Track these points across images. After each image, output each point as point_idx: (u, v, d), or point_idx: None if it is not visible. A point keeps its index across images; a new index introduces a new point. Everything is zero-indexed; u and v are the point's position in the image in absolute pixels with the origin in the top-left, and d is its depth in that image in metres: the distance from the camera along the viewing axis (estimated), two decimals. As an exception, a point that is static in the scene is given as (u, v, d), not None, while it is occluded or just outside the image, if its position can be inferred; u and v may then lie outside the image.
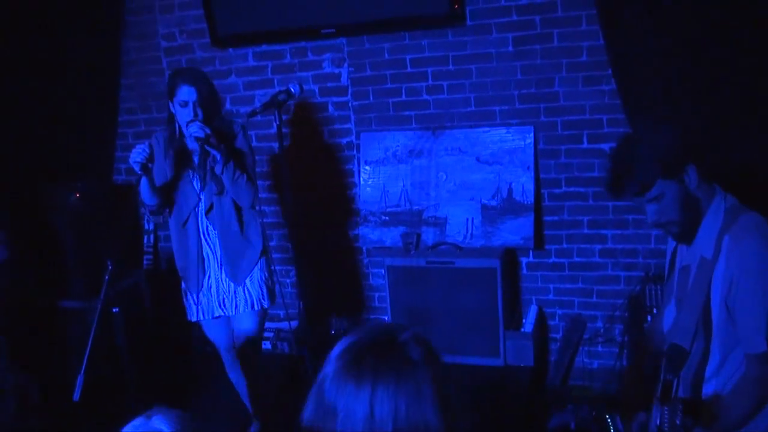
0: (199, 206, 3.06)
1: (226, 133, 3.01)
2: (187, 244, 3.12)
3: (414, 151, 4.10)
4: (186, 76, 2.92)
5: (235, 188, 2.98)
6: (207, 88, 2.91)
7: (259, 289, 3.16)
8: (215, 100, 2.99)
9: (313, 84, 4.25)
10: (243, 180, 2.98)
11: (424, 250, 4.01)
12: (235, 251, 3.10)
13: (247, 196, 3.03)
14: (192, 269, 3.13)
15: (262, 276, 3.17)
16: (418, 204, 4.09)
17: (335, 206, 4.39)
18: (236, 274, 3.12)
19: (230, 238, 3.08)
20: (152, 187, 2.97)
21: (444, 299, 3.87)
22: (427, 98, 4.06)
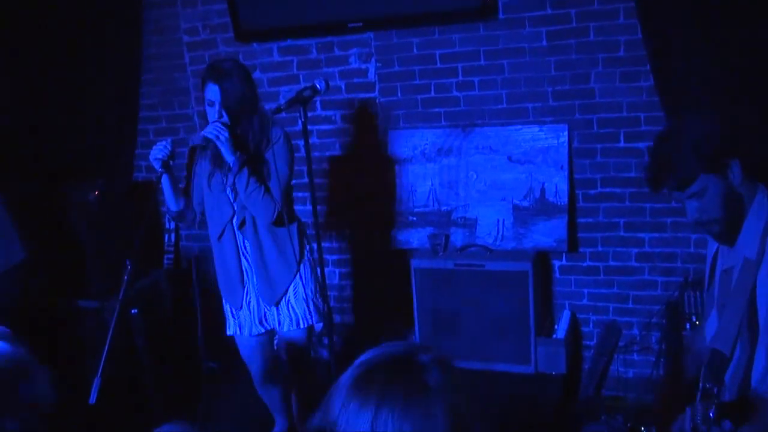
0: (235, 219, 2.96)
1: (259, 139, 2.86)
2: (224, 259, 3.03)
3: (443, 150, 4.08)
4: (213, 71, 2.79)
5: (249, 201, 2.84)
6: (236, 87, 2.76)
7: (304, 305, 3.03)
8: (248, 100, 2.82)
9: (340, 80, 4.24)
10: (258, 193, 2.82)
11: (452, 252, 3.99)
12: (270, 270, 2.98)
13: (262, 211, 2.86)
14: (230, 285, 3.05)
15: (307, 291, 3.04)
16: (446, 204, 4.07)
17: (360, 206, 4.38)
18: (272, 296, 3.00)
19: (264, 255, 2.97)
20: (174, 188, 2.91)
21: (473, 303, 3.85)
22: (457, 95, 4.04)
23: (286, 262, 2.99)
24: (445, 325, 3.92)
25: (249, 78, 2.86)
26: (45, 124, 4.33)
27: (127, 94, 4.69)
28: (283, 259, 2.98)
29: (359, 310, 4.56)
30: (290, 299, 3.02)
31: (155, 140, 4.74)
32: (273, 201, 2.86)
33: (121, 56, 4.57)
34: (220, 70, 2.79)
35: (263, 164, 2.88)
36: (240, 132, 2.84)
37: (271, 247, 2.96)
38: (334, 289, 4.49)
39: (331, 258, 4.50)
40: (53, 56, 4.30)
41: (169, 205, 2.99)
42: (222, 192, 2.94)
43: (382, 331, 4.42)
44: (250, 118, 2.85)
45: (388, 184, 4.22)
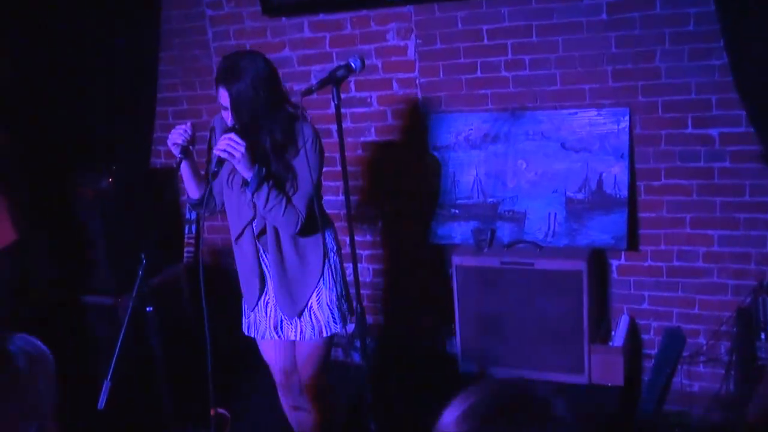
0: (255, 224, 2.90)
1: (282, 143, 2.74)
2: (242, 261, 2.99)
3: (489, 136, 4.04)
4: (220, 71, 2.66)
5: (269, 216, 2.79)
6: (247, 91, 2.62)
7: (329, 311, 2.96)
8: (264, 105, 2.67)
9: (376, 58, 4.21)
10: (279, 209, 2.74)
11: (498, 248, 3.96)
12: (291, 282, 2.92)
13: (284, 225, 2.80)
14: (248, 285, 3.01)
15: (332, 295, 2.97)
16: (492, 196, 4.04)
17: (398, 197, 4.37)
18: (293, 309, 2.94)
19: (286, 266, 2.91)
20: (195, 174, 2.86)
21: (520, 305, 3.82)
22: (506, 75, 3.99)
23: (309, 272, 2.93)
24: (489, 329, 3.90)
25: (269, 76, 2.70)
26: (53, 105, 4.31)
27: (144, 72, 4.69)
28: (305, 270, 2.92)
29: (394, 310, 4.54)
30: (312, 306, 2.96)
31: (174, 123, 4.77)
32: (296, 213, 2.79)
33: (138, 31, 4.57)
34: (229, 71, 2.65)
35: (287, 172, 2.78)
36: (258, 140, 2.74)
37: (293, 259, 2.89)
38: (366, 287, 4.46)
39: (363, 253, 4.47)
40: (62, 30, 4.27)
41: (189, 193, 2.94)
42: (243, 193, 2.86)
43: (419, 335, 4.40)
44: (270, 123, 2.72)
45: (429, 174, 4.18)
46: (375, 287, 4.53)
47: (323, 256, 2.94)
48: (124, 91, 4.61)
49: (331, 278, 2.97)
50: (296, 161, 2.77)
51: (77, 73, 4.41)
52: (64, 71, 4.35)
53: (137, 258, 2.64)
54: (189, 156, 2.77)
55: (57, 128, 4.34)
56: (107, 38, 4.46)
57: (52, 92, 4.31)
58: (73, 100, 4.39)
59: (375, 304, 4.52)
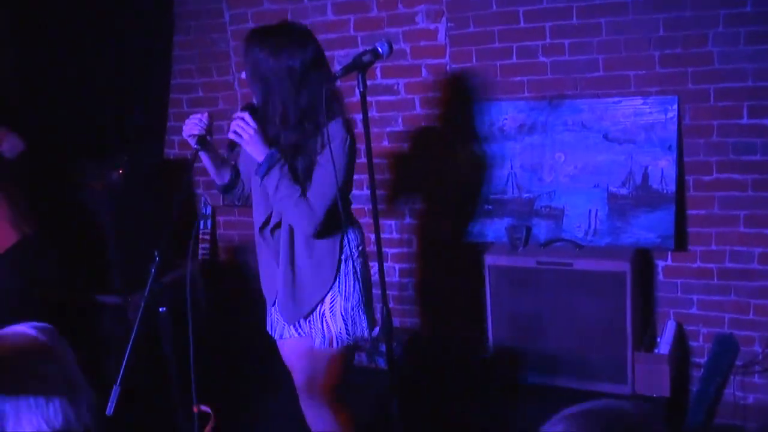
0: (272, 217, 2.87)
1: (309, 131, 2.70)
2: (262, 252, 2.97)
3: (525, 126, 4.02)
4: (244, 45, 2.67)
5: (280, 208, 2.75)
6: (264, 62, 2.61)
7: (342, 321, 2.89)
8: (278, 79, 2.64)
9: (404, 43, 4.19)
10: (290, 200, 2.69)
11: (534, 247, 3.95)
12: (298, 287, 2.87)
13: (296, 221, 2.74)
14: (268, 282, 2.99)
15: (348, 304, 2.90)
16: (528, 191, 4.03)
17: (426, 191, 4.35)
18: (294, 313, 2.90)
19: (295, 268, 2.86)
20: (216, 162, 2.85)
21: (558, 309, 3.80)
22: (544, 60, 3.96)
23: (321, 277, 2.86)
24: (524, 334, 3.88)
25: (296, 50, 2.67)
26: (59, 92, 4.31)
27: (157, 57, 4.69)
28: (317, 273, 2.86)
29: (422, 313, 4.52)
30: (325, 313, 2.90)
31: (189, 112, 4.75)
32: (310, 210, 2.72)
33: (150, 13, 4.57)
34: (252, 39, 2.66)
35: (306, 162, 2.73)
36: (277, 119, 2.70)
37: (304, 260, 2.84)
38: (393, 287, 4.44)
39: (390, 251, 4.45)
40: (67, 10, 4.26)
41: (216, 179, 2.95)
42: None
43: (448, 339, 4.37)
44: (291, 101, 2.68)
45: (459, 167, 4.16)
46: (401, 288, 4.51)
47: (340, 262, 2.88)
48: (136, 78, 4.61)
49: (348, 285, 2.90)
50: (321, 156, 2.72)
51: (85, 58, 4.39)
52: (70, 56, 4.35)
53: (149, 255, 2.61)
54: (206, 147, 2.74)
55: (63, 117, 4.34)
56: (117, 20, 4.46)
57: (57, 79, 4.31)
58: (81, 88, 4.39)
59: (401, 306, 4.50)
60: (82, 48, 4.37)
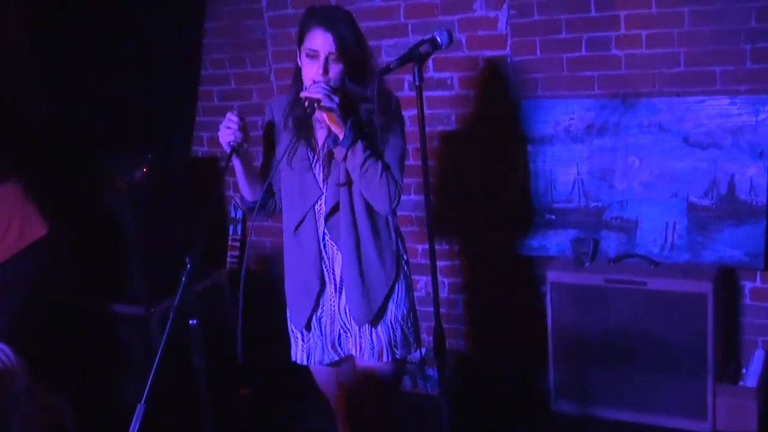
0: (319, 203, 2.88)
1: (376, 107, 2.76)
2: (298, 259, 2.95)
3: (595, 127, 3.99)
4: (322, 16, 2.74)
5: (365, 182, 2.77)
6: (351, 37, 2.72)
7: (391, 330, 2.92)
8: (362, 58, 2.78)
9: (460, 32, 4.19)
10: (377, 171, 2.74)
11: (603, 263, 3.93)
12: (368, 278, 2.88)
13: (383, 196, 2.79)
14: (300, 296, 2.97)
15: (398, 313, 2.93)
16: (597, 199, 4.01)
17: (481, 198, 4.34)
18: (367, 312, 2.90)
19: (363, 256, 2.87)
20: (248, 172, 2.87)
21: (628, 333, 3.77)
22: (617, 53, 3.93)
23: (385, 270, 2.91)
24: (590, 360, 3.84)
25: (360, 31, 2.85)
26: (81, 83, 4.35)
27: (185, 46, 4.72)
28: (382, 265, 2.90)
29: (473, 333, 4.51)
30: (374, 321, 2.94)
31: (221, 106, 4.86)
32: (394, 180, 2.81)
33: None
34: (335, 13, 2.77)
35: (379, 135, 2.81)
36: (357, 92, 2.78)
37: (371, 246, 2.87)
38: (441, 304, 4.35)
39: (439, 264, 4.40)
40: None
41: (244, 194, 2.95)
42: (308, 171, 2.87)
43: (503, 364, 4.35)
44: (369, 76, 2.80)
45: (519, 171, 4.15)
46: (450, 305, 4.50)
47: (398, 258, 2.93)
48: (163, 68, 4.64)
49: (401, 291, 2.95)
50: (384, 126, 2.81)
51: (107, 45, 4.43)
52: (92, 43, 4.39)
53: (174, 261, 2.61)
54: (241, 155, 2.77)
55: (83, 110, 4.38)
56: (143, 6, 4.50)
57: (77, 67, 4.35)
58: (103, 78, 4.43)
59: (449, 326, 4.48)
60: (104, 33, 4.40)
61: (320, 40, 2.68)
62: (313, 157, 2.86)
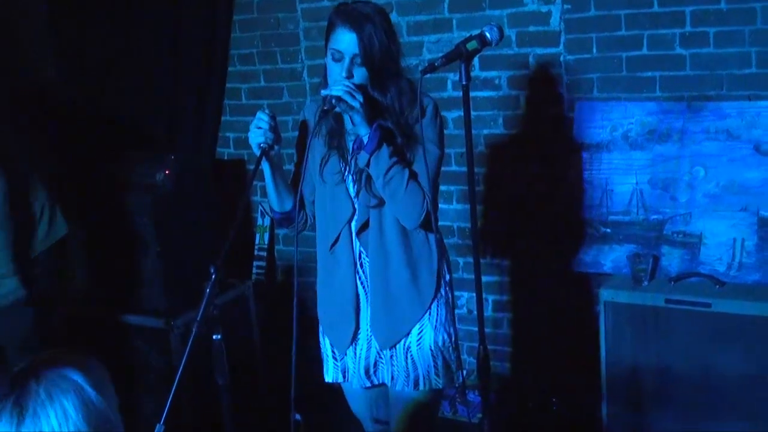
0: (354, 221, 2.88)
1: (401, 110, 2.79)
2: (334, 278, 2.96)
3: (656, 133, 3.98)
4: (348, 13, 2.74)
5: (389, 192, 2.75)
6: (377, 37, 2.70)
7: (430, 357, 2.91)
8: (392, 57, 2.77)
9: (509, 28, 4.20)
10: (401, 180, 2.73)
11: (663, 281, 3.88)
12: (394, 298, 2.88)
13: (408, 209, 2.78)
14: (337, 315, 2.98)
15: (438, 337, 2.91)
16: (657, 212, 3.99)
17: (529, 208, 4.34)
18: (388, 336, 2.90)
19: (390, 274, 2.87)
20: (279, 181, 2.86)
21: (690, 359, 3.72)
22: (682, 53, 3.91)
23: (418, 290, 2.90)
24: (647, 389, 3.80)
25: (393, 29, 2.83)
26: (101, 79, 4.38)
27: (212, 40, 4.75)
28: (414, 285, 2.89)
29: (519, 356, 4.52)
30: (411, 346, 2.92)
31: (248, 104, 4.88)
32: (421, 191, 2.76)
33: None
34: (361, 11, 2.75)
35: (407, 142, 2.79)
36: (380, 99, 2.76)
37: (402, 265, 2.86)
38: (485, 323, 4.36)
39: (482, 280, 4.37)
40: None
41: (273, 205, 2.95)
42: (339, 184, 2.87)
43: (551, 391, 4.32)
44: (394, 81, 2.78)
45: (571, 179, 4.14)
46: (495, 324, 4.50)
47: (438, 278, 2.90)
48: (187, 64, 4.69)
49: (440, 314, 2.92)
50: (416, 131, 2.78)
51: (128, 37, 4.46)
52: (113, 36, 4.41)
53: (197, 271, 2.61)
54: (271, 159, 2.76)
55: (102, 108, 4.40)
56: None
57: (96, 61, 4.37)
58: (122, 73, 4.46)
59: (493, 347, 4.41)
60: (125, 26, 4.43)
61: (344, 40, 2.68)
62: (346, 169, 2.85)
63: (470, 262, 2.86)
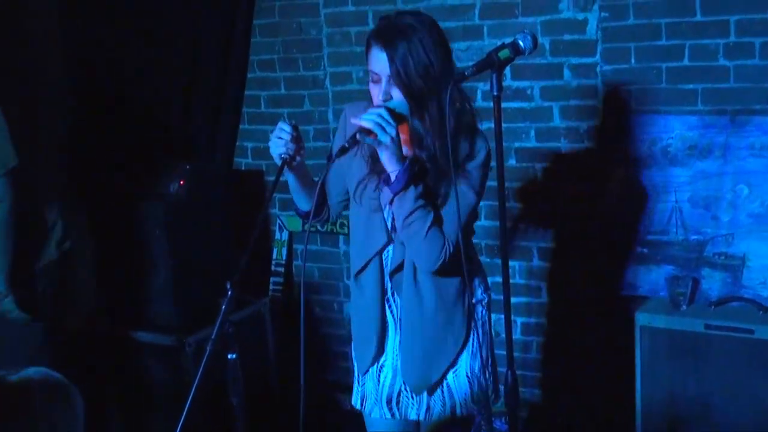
0: (387, 253, 2.87)
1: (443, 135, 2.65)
2: (360, 304, 2.96)
3: (697, 148, 3.96)
4: (380, 31, 2.67)
5: (406, 234, 2.72)
6: (413, 56, 2.60)
7: (467, 384, 2.92)
8: (436, 79, 2.64)
9: (543, 35, 4.17)
10: (423, 227, 2.68)
11: (703, 306, 3.88)
12: (428, 346, 2.87)
13: (424, 255, 2.75)
14: (363, 334, 2.98)
15: (476, 363, 2.93)
16: (698, 232, 3.99)
17: (562, 226, 4.34)
18: (423, 382, 2.90)
19: (425, 322, 2.86)
20: (303, 188, 2.87)
21: (732, 390, 3.70)
22: (726, 64, 3.87)
23: (453, 333, 2.90)
24: (685, 419, 3.77)
25: (441, 42, 2.71)
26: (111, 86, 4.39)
27: (230, 44, 4.77)
28: (450, 327, 2.89)
29: (549, 382, 4.50)
30: (446, 376, 2.93)
31: (268, 112, 4.90)
32: (442, 238, 2.73)
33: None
34: (395, 28, 2.65)
35: (441, 183, 2.74)
36: (425, 124, 2.70)
37: (435, 312, 2.84)
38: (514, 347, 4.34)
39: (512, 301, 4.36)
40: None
41: (298, 204, 2.96)
42: (376, 211, 2.83)
43: (584, 418, 4.31)
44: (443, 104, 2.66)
45: (607, 197, 4.14)
46: (524, 348, 4.49)
47: (471, 309, 2.90)
48: (204, 69, 4.70)
49: (476, 339, 2.92)
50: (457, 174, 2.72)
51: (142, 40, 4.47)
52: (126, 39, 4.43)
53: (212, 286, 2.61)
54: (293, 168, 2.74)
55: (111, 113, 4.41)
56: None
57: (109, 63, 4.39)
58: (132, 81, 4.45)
59: (522, 372, 4.42)
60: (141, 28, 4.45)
61: (377, 60, 2.63)
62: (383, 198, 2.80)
63: (498, 281, 2.84)
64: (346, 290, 4.72)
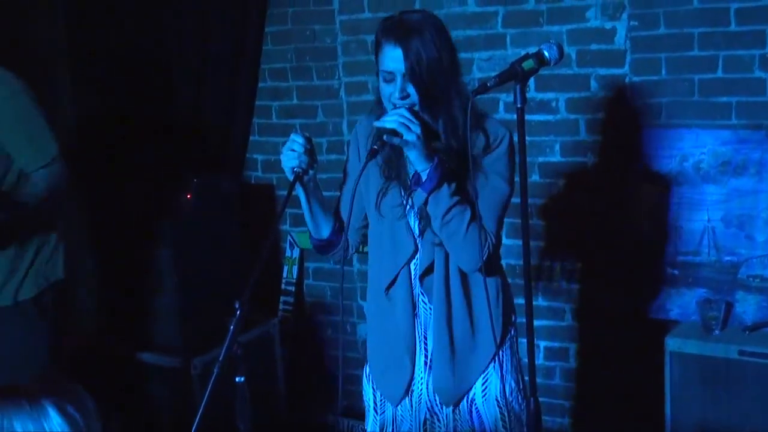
0: (417, 262, 2.87)
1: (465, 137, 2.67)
2: (388, 323, 2.94)
3: (731, 164, 3.95)
4: (391, 28, 2.70)
5: (446, 234, 2.73)
6: (425, 52, 2.64)
7: (496, 409, 2.91)
8: (449, 73, 2.70)
9: (569, 45, 4.17)
10: (462, 222, 2.70)
11: (736, 330, 3.85)
12: (459, 351, 2.87)
13: (467, 252, 2.75)
14: (392, 364, 2.95)
15: (506, 387, 2.92)
16: (732, 253, 3.97)
17: (588, 245, 4.33)
18: (454, 392, 2.90)
19: (453, 326, 2.85)
20: (316, 206, 2.85)
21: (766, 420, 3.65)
22: (762, 76, 3.88)
23: (484, 339, 2.89)
24: None
25: (448, 38, 2.76)
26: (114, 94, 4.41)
27: (241, 53, 4.78)
28: (480, 334, 2.88)
29: (575, 409, 4.49)
30: (475, 399, 2.92)
31: (279, 123, 4.91)
32: (484, 234, 2.74)
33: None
34: (405, 25, 2.69)
35: (470, 177, 2.75)
36: (439, 124, 2.73)
37: (467, 313, 2.85)
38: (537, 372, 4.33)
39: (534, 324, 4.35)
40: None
41: (312, 231, 2.95)
42: (400, 218, 2.83)
43: None
44: (453, 101, 2.73)
45: (635, 215, 4.13)
46: (546, 374, 4.48)
47: (505, 324, 2.90)
48: (213, 77, 4.72)
49: (505, 361, 2.92)
50: (485, 163, 2.76)
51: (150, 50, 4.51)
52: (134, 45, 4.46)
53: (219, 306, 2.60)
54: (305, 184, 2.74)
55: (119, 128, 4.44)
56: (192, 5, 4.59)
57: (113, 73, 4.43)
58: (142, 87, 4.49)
59: (544, 399, 4.40)
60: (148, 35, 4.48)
61: (391, 57, 2.65)
62: (408, 202, 2.81)
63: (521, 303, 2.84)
64: (360, 311, 4.73)
